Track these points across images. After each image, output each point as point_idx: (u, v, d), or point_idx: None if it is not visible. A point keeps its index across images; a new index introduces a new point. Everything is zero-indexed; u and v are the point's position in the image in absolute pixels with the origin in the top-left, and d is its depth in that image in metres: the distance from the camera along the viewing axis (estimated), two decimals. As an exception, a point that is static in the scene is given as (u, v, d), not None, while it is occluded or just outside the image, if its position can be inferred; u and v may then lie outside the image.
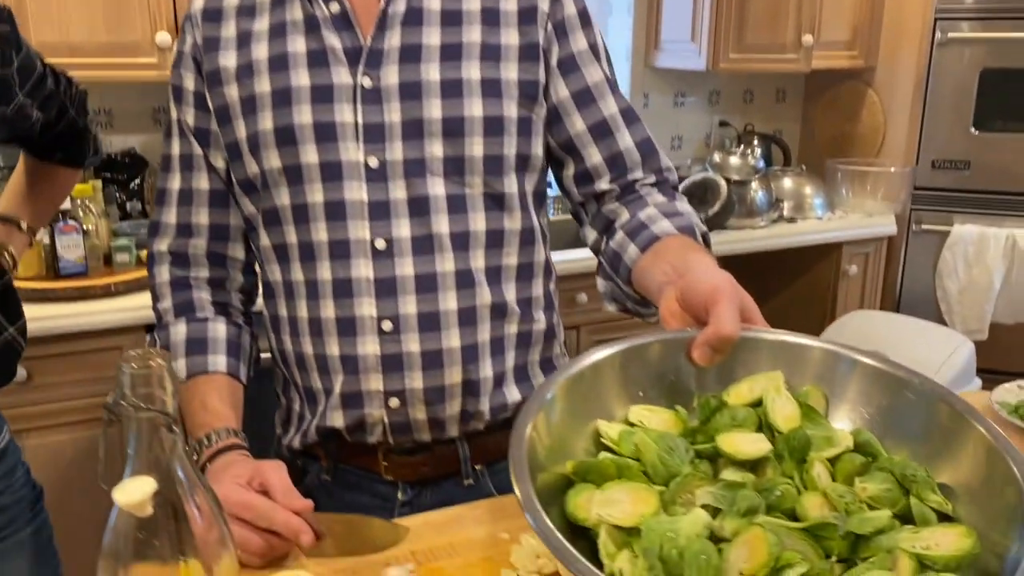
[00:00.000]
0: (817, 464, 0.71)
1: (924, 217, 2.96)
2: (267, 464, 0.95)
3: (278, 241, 1.08)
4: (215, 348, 1.10)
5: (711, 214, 2.63)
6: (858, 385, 0.79)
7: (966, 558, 0.63)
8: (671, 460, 0.70)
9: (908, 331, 2.65)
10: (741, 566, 0.60)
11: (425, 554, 0.96)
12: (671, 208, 1.10)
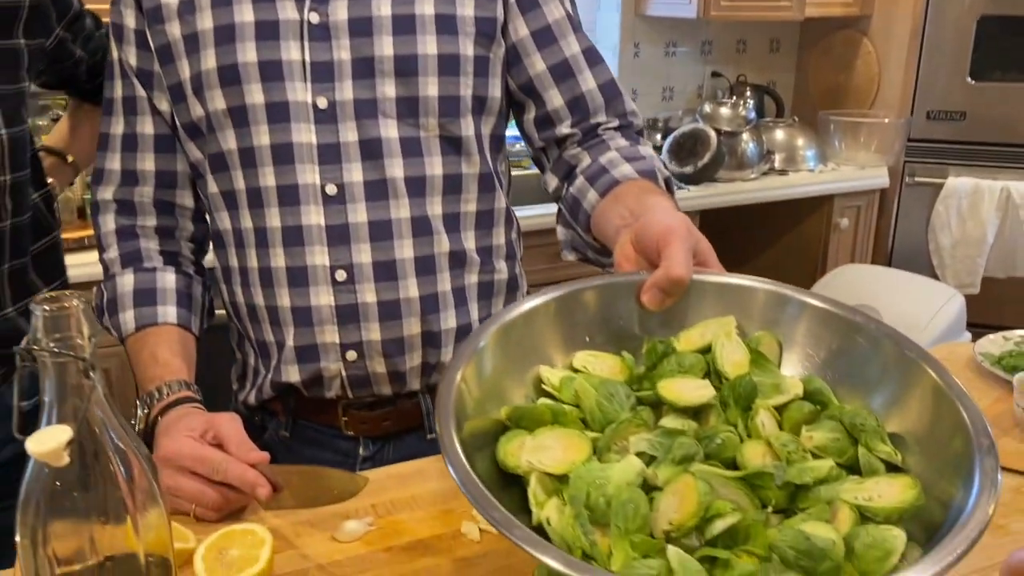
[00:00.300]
0: (762, 412, 0.68)
1: (918, 170, 2.91)
2: (221, 416, 0.92)
3: (225, 188, 1.04)
4: (164, 299, 1.06)
5: (700, 166, 2.58)
6: (810, 328, 0.76)
7: (909, 510, 0.61)
8: (610, 407, 0.67)
9: (899, 285, 2.62)
10: (671, 516, 0.58)
11: (386, 506, 0.93)
12: (633, 152, 1.05)
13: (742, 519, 0.58)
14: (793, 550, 0.55)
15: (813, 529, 0.57)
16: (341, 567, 0.83)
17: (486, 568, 0.84)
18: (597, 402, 0.67)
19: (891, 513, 0.61)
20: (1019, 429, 1.13)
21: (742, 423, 0.68)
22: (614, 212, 0.95)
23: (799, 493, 0.63)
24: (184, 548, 0.82)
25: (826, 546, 0.55)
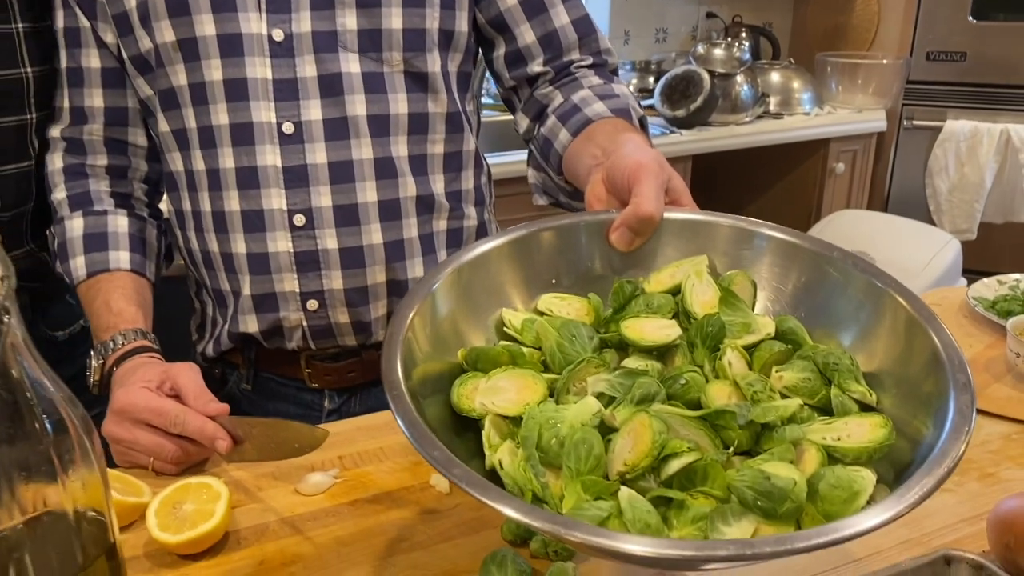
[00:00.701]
0: (730, 352, 0.64)
1: (916, 112, 2.84)
2: (178, 366, 0.88)
3: (176, 126, 0.98)
4: (116, 243, 1.01)
5: (693, 109, 2.51)
6: (779, 263, 0.72)
7: (879, 450, 0.58)
8: (571, 348, 0.63)
9: (894, 231, 2.57)
10: (624, 456, 0.55)
11: (353, 459, 0.90)
12: (606, 90, 1.01)
13: (699, 459, 0.55)
14: (752, 491, 0.52)
15: (774, 469, 0.54)
16: (303, 521, 0.80)
17: (455, 520, 0.80)
18: (558, 343, 0.64)
19: (860, 453, 0.57)
20: (1012, 375, 1.10)
21: (709, 364, 0.64)
22: (586, 152, 0.91)
23: (764, 434, 0.59)
24: (138, 503, 0.79)
25: (787, 486, 0.52)
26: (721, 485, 0.54)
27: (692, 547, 0.47)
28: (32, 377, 0.53)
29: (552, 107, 1.03)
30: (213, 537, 0.75)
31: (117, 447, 0.86)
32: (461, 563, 0.75)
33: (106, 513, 0.57)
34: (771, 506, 0.52)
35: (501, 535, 0.77)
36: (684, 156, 2.49)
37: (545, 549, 0.74)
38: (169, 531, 0.74)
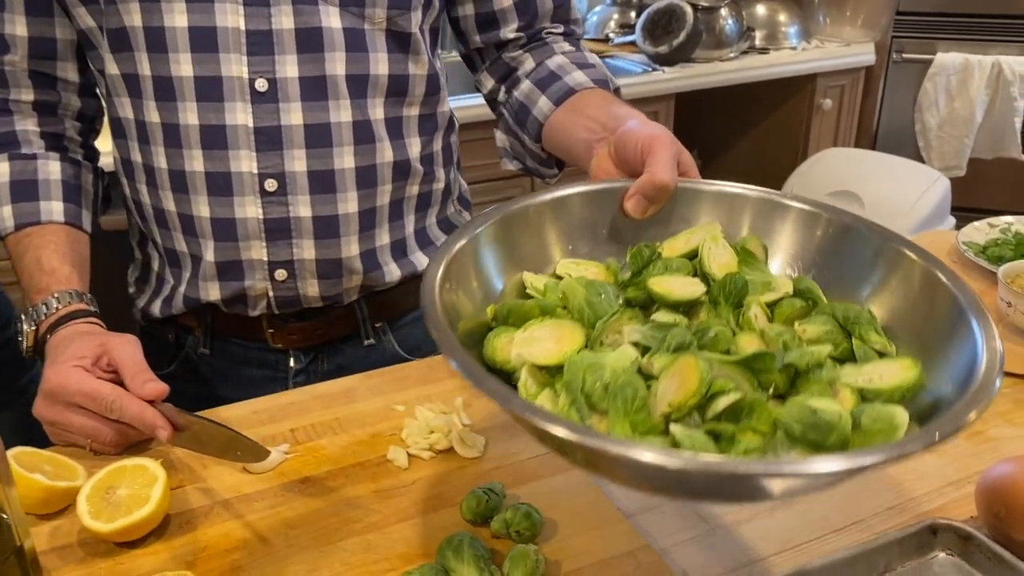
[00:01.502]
0: (755, 306, 0.64)
1: (906, 45, 2.75)
2: (116, 340, 0.81)
3: (128, 70, 0.88)
4: (48, 192, 0.93)
5: (675, 45, 2.42)
6: (796, 231, 0.73)
7: (912, 388, 0.58)
8: (599, 304, 0.63)
9: (882, 168, 2.51)
10: (669, 397, 0.54)
11: (306, 431, 0.85)
12: (581, 58, 1.00)
13: (744, 397, 0.54)
14: (800, 424, 0.53)
15: (819, 404, 0.54)
16: (250, 502, 0.75)
17: (412, 498, 0.76)
18: (587, 300, 0.63)
19: (893, 392, 0.57)
20: (1002, 325, 1.05)
21: (733, 319, 0.64)
22: (577, 124, 0.89)
23: (799, 378, 0.59)
24: (70, 487, 0.73)
25: (833, 419, 0.52)
26: (767, 421, 0.53)
27: (761, 465, 0.49)
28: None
29: (524, 71, 1.00)
30: (150, 523, 0.70)
31: (51, 431, 0.81)
32: (417, 545, 0.70)
33: (9, 512, 0.52)
34: (819, 438, 0.52)
35: (460, 515, 0.72)
36: (667, 94, 2.41)
37: (507, 529, 0.69)
38: (102, 519, 0.68)
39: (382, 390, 0.91)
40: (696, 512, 0.77)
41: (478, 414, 0.87)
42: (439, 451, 0.81)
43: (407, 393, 0.91)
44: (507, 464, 0.80)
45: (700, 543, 0.74)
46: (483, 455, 0.81)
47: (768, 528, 0.75)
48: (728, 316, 0.65)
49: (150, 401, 0.77)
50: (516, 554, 0.65)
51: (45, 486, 0.71)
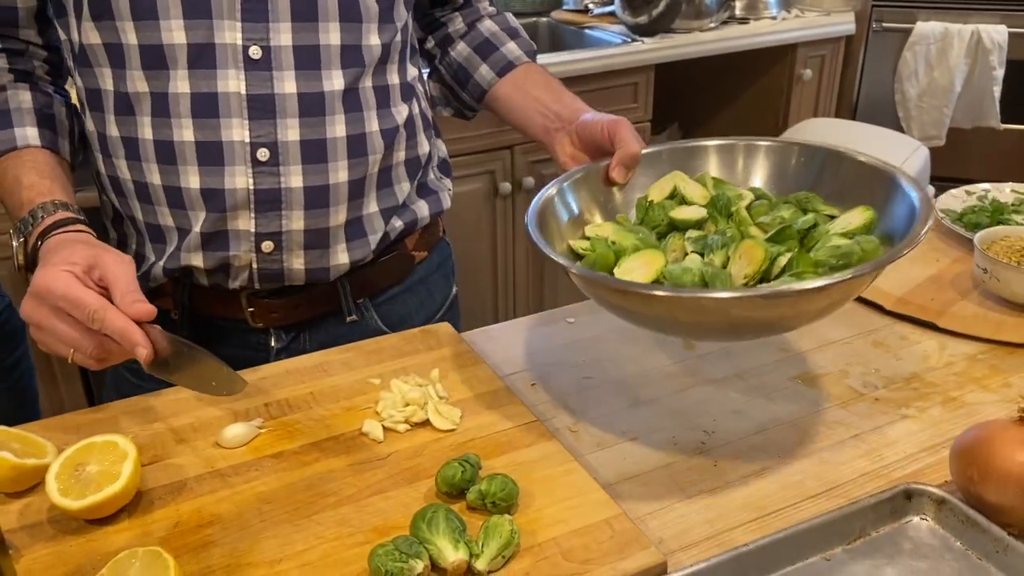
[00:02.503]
0: (742, 210, 0.89)
1: (886, 15, 2.74)
2: (111, 255, 0.78)
3: (110, 40, 0.86)
4: (21, 119, 0.90)
5: (655, 15, 2.39)
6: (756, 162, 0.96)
7: (872, 223, 0.84)
8: (647, 237, 0.86)
9: (862, 138, 2.51)
10: (744, 271, 0.78)
11: (280, 406, 0.84)
12: (505, 24, 1.11)
13: (793, 253, 0.79)
14: (834, 257, 0.78)
15: (837, 243, 0.81)
16: (223, 477, 0.75)
17: (388, 471, 0.75)
18: (638, 239, 0.85)
19: (862, 228, 0.84)
20: (978, 292, 1.05)
21: (733, 225, 0.87)
22: (530, 108, 1.04)
23: (806, 236, 0.84)
24: (38, 464, 0.72)
25: (851, 249, 0.79)
26: (808, 265, 0.78)
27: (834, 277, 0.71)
28: None
29: (455, 30, 1.10)
30: (121, 500, 0.69)
31: (36, 334, 0.78)
32: (393, 517, 0.70)
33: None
34: (847, 262, 0.77)
35: (436, 486, 0.72)
36: (646, 65, 2.39)
37: (482, 500, 0.69)
38: (72, 495, 0.67)
39: (357, 363, 0.90)
40: (673, 480, 0.78)
41: (453, 386, 0.86)
42: (415, 424, 0.81)
43: (382, 366, 0.90)
44: (482, 436, 0.80)
45: (676, 511, 0.74)
46: (458, 427, 0.81)
47: (744, 495, 0.76)
48: (725, 224, 0.88)
49: (137, 323, 0.75)
50: (491, 524, 0.65)
51: (14, 464, 0.70)
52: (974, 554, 0.68)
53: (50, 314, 0.75)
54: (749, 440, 0.83)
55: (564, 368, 0.94)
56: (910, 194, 0.81)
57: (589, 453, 0.81)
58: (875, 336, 1.00)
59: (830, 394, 0.90)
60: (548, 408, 0.87)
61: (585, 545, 0.67)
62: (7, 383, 1.13)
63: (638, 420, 0.85)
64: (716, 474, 0.78)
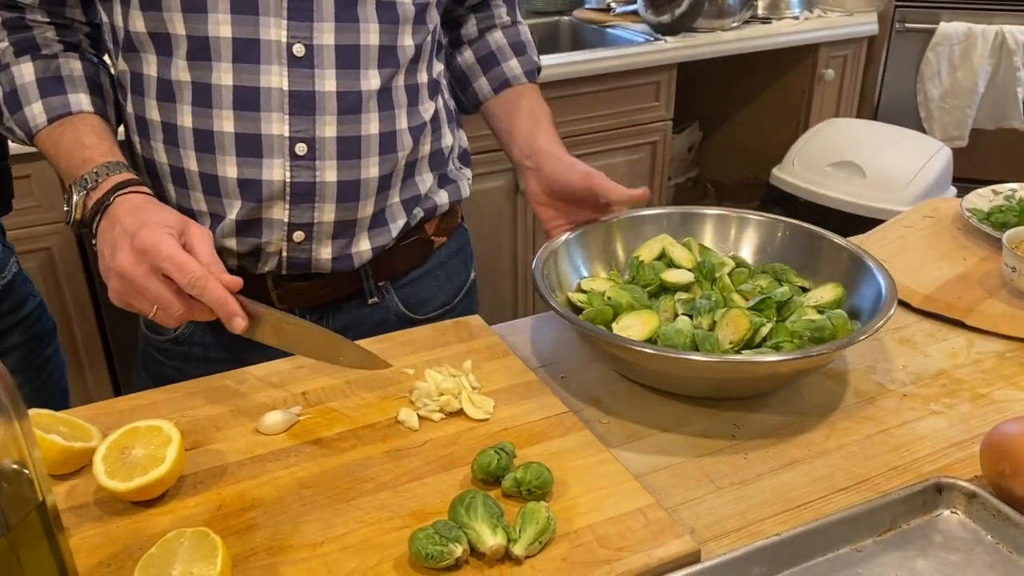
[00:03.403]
0: (725, 277, 0.99)
1: (909, 15, 2.73)
2: (196, 227, 0.82)
3: (157, 29, 0.88)
4: (75, 86, 0.93)
5: (677, 14, 2.40)
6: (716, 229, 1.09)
7: (841, 300, 0.95)
8: (641, 297, 0.95)
9: (884, 139, 2.50)
10: (729, 338, 0.87)
11: (317, 394, 0.86)
12: (516, 37, 1.13)
13: (772, 325, 0.89)
14: (808, 330, 0.88)
15: (811, 317, 0.90)
16: (263, 462, 0.76)
17: (424, 459, 0.77)
18: (633, 298, 0.94)
19: (832, 303, 0.94)
20: (1006, 290, 1.06)
21: (716, 289, 0.98)
22: (509, 134, 1.09)
23: (783, 307, 0.93)
24: (85, 448, 0.74)
25: (824, 323, 0.88)
26: (787, 335, 0.88)
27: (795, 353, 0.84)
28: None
29: (467, 35, 1.12)
30: (165, 483, 0.71)
31: (121, 287, 0.80)
32: (430, 503, 0.71)
33: (31, 467, 0.52)
34: (820, 335, 0.87)
35: (472, 473, 0.73)
36: (668, 64, 2.39)
37: (518, 487, 0.70)
38: (118, 478, 0.69)
39: (390, 354, 0.92)
40: (704, 473, 0.79)
41: (485, 377, 0.88)
42: (449, 413, 0.82)
43: (415, 357, 0.92)
44: (515, 425, 0.81)
45: (707, 503, 0.75)
46: (492, 417, 0.82)
47: (774, 487, 0.76)
48: (709, 287, 0.98)
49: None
50: (528, 510, 0.66)
51: (62, 447, 0.72)
52: (1005, 548, 0.69)
53: (148, 272, 0.77)
54: (778, 433, 0.84)
55: (592, 362, 0.95)
56: (879, 278, 0.92)
57: (619, 445, 0.82)
58: (902, 333, 1.01)
59: (858, 390, 0.90)
60: (577, 401, 0.89)
61: (619, 533, 0.68)
62: (38, 381, 1.15)
63: (667, 414, 0.86)
64: (746, 466, 0.79)
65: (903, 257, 1.16)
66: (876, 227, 1.27)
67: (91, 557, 0.66)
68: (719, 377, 0.85)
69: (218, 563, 0.60)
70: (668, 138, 2.50)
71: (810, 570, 0.67)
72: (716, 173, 3.15)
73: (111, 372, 2.12)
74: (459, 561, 0.64)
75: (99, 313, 2.04)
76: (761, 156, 2.83)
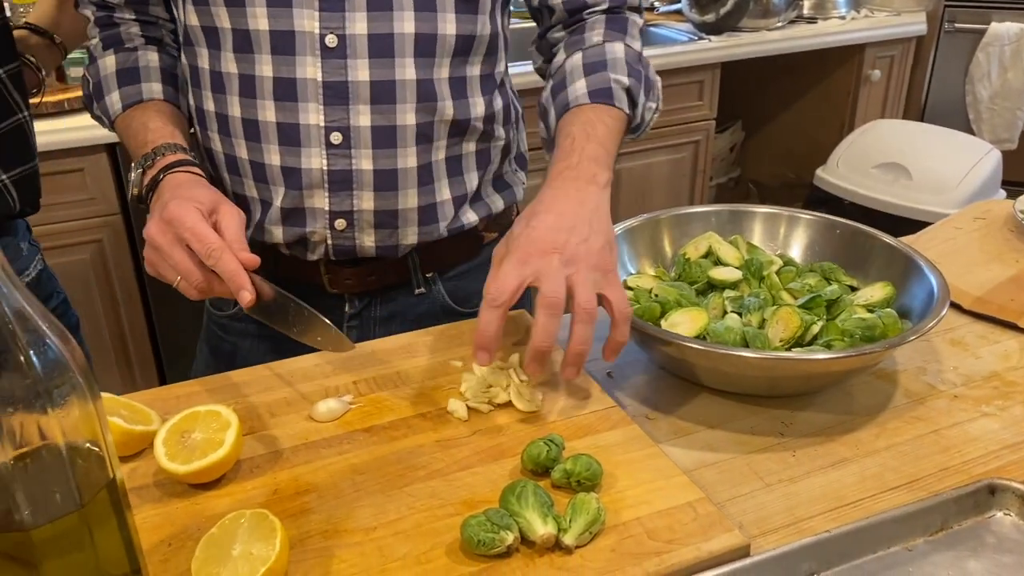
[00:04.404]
0: (773, 275, 0.99)
1: (959, 15, 2.70)
2: (229, 205, 0.86)
3: (207, 23, 0.93)
4: (148, 76, 0.99)
5: (722, 14, 2.39)
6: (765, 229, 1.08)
7: (891, 298, 0.94)
8: (688, 294, 0.94)
9: (931, 141, 2.47)
10: (780, 336, 0.87)
11: (368, 384, 0.87)
12: (598, 55, 0.96)
13: (824, 323, 0.90)
14: (859, 329, 0.87)
15: (863, 316, 0.90)
16: (317, 449, 0.78)
17: (473, 448, 0.78)
18: (679, 295, 0.93)
19: (882, 302, 0.94)
20: (1061, 293, 1.04)
21: (764, 287, 0.97)
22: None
23: (832, 306, 0.93)
24: (145, 431, 0.76)
25: (874, 322, 0.88)
26: (837, 333, 0.88)
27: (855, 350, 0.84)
28: (14, 307, 0.49)
29: (554, 63, 1.01)
30: (224, 466, 0.73)
31: (151, 255, 0.84)
32: (480, 492, 0.72)
33: (103, 446, 0.54)
34: (871, 334, 0.86)
35: (521, 464, 0.74)
36: (712, 64, 2.39)
37: (567, 479, 0.71)
38: (178, 460, 0.71)
39: (439, 346, 0.93)
40: (751, 469, 0.79)
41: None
42: (497, 405, 0.83)
43: (463, 349, 0.93)
44: (563, 419, 0.82)
45: (755, 499, 0.75)
46: (539, 410, 0.83)
47: (823, 485, 0.76)
48: (757, 285, 0.98)
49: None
50: (578, 501, 0.67)
51: (124, 429, 0.74)
52: (1059, 550, 0.68)
53: (173, 241, 0.81)
54: (828, 432, 0.83)
55: (638, 358, 0.95)
56: (930, 278, 0.91)
57: (666, 441, 0.82)
58: (952, 335, 1.00)
59: (908, 390, 0.90)
60: (623, 397, 0.89)
61: (669, 526, 0.68)
62: None
63: (714, 411, 0.87)
64: (794, 464, 0.79)
65: (953, 259, 1.14)
66: (924, 229, 1.26)
67: (152, 536, 0.68)
68: (770, 375, 0.84)
69: (277, 544, 0.61)
70: (711, 138, 2.49)
71: (860, 567, 0.67)
72: (758, 174, 3.12)
73: (157, 362, 2.16)
74: (510, 549, 0.65)
75: (147, 304, 2.08)
76: (804, 157, 2.80)
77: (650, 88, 0.98)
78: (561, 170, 0.85)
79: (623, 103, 0.94)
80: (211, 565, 0.61)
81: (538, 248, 0.77)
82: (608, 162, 0.87)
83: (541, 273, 0.76)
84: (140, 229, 2.00)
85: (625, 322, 0.78)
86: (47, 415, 0.50)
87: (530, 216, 0.81)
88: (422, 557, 0.65)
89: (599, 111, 0.92)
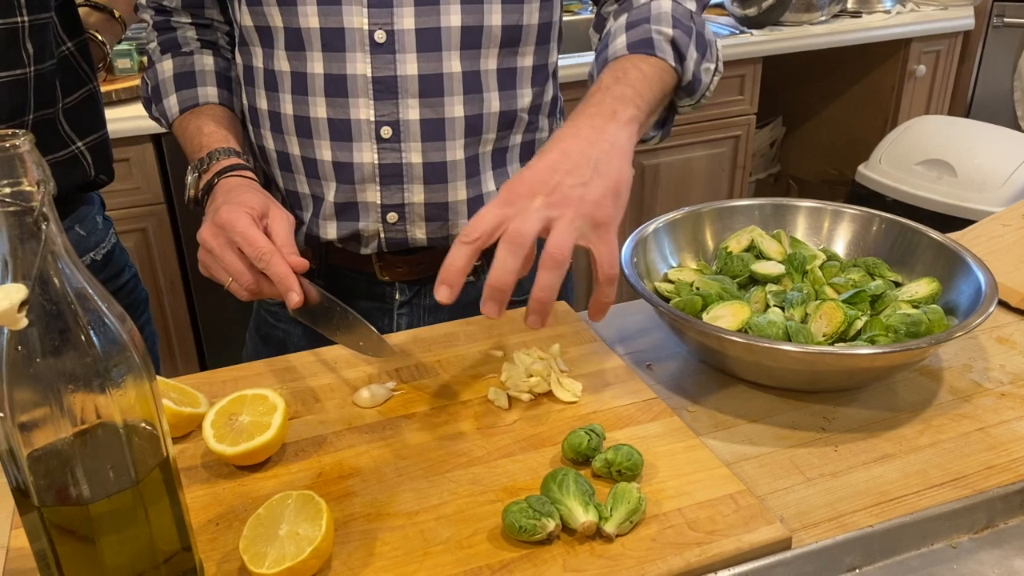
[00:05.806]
0: (816, 270, 0.98)
1: (1008, 9, 2.64)
2: (279, 210, 0.88)
3: (261, 23, 0.95)
4: (204, 80, 1.03)
5: (764, 7, 2.37)
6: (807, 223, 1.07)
7: (936, 294, 0.93)
8: (730, 287, 0.94)
9: (976, 137, 2.43)
10: (823, 331, 0.87)
11: (410, 371, 0.88)
12: (643, 13, 0.91)
13: (867, 318, 0.89)
14: (903, 324, 0.86)
15: (907, 311, 0.89)
16: (360, 434, 0.79)
17: (514, 437, 0.78)
18: (721, 288, 0.93)
19: (928, 298, 0.92)
20: (1113, 291, 1.02)
21: (807, 282, 0.96)
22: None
23: (876, 301, 0.92)
24: (194, 413, 0.78)
25: (920, 318, 0.86)
26: (881, 329, 0.87)
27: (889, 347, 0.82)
28: (75, 287, 0.50)
29: (604, 31, 0.97)
30: (270, 449, 0.74)
31: (204, 258, 0.86)
32: (521, 479, 0.73)
33: (158, 425, 0.56)
34: (916, 330, 0.85)
35: (562, 453, 0.75)
36: (754, 58, 2.36)
37: (608, 468, 0.71)
38: (226, 442, 0.73)
39: (479, 336, 0.94)
40: (793, 463, 0.78)
41: (573, 361, 0.89)
42: (537, 394, 0.84)
43: (504, 339, 0.93)
44: (604, 409, 0.82)
45: (797, 493, 0.75)
46: (580, 400, 0.83)
47: (866, 480, 0.76)
48: (800, 280, 0.97)
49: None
50: (619, 490, 0.67)
51: (173, 411, 0.76)
52: (1109, 551, 0.67)
53: (225, 244, 0.83)
54: (870, 428, 0.83)
55: (678, 351, 0.95)
56: (978, 274, 0.89)
57: (706, 433, 0.82)
58: (999, 332, 0.98)
59: (953, 387, 0.89)
60: (663, 389, 0.89)
61: (710, 517, 0.68)
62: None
63: (755, 405, 0.86)
64: (837, 459, 0.79)
65: (1000, 256, 1.12)
66: (970, 226, 1.24)
67: (201, 515, 0.69)
68: (813, 369, 0.83)
69: (323, 525, 0.62)
70: (751, 133, 2.47)
71: (903, 563, 0.67)
72: (798, 170, 3.09)
73: (198, 349, 2.20)
74: (551, 536, 0.65)
75: (189, 293, 2.12)
76: (846, 153, 2.77)
77: (705, 46, 0.92)
78: (581, 110, 0.80)
79: (665, 53, 0.87)
80: (258, 544, 0.62)
81: (527, 188, 0.72)
82: (637, 101, 0.80)
83: (518, 214, 0.71)
84: (184, 219, 2.04)
85: (609, 283, 0.72)
86: (105, 394, 0.52)
87: (538, 155, 0.76)
88: (464, 542, 0.66)
89: (635, 59, 0.86)
